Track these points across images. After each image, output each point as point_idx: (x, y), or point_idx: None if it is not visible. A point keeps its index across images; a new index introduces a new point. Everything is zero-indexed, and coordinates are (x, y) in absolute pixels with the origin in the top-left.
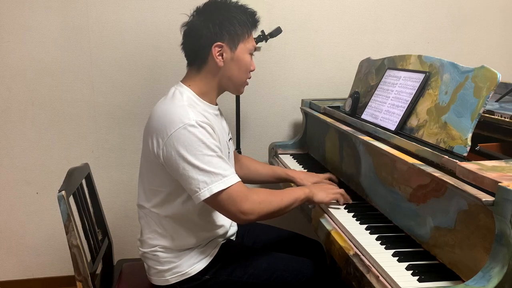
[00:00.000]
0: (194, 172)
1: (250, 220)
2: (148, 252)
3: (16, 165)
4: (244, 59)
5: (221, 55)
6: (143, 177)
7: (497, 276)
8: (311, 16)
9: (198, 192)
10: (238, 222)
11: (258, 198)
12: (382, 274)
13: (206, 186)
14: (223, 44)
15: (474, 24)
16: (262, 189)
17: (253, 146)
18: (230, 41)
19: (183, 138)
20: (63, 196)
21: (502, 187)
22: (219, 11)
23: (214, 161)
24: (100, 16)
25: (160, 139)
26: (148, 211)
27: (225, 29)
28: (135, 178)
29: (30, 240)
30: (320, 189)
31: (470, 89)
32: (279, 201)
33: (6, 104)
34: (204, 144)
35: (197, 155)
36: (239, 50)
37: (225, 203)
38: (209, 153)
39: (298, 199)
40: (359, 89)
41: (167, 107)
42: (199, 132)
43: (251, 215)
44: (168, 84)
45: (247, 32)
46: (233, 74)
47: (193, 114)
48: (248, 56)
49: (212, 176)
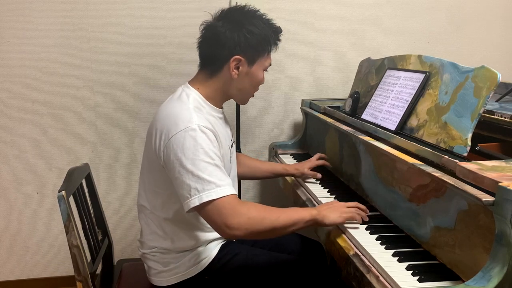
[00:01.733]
0: (187, 178)
1: (236, 235)
2: (148, 253)
3: (16, 165)
4: (259, 76)
5: (237, 68)
6: (144, 177)
7: (497, 276)
8: (311, 16)
9: (189, 198)
10: (223, 236)
11: (249, 214)
12: (382, 274)
13: (197, 193)
14: (242, 58)
15: (474, 24)
16: (259, 205)
17: (253, 146)
18: (250, 56)
19: (183, 141)
20: (63, 196)
21: (502, 187)
22: (246, 23)
23: (210, 168)
24: (100, 16)
25: (162, 141)
26: (148, 212)
27: (248, 43)
28: (135, 178)
29: (30, 240)
30: (331, 210)
31: (470, 89)
32: (273, 219)
33: (6, 104)
34: (203, 149)
35: (193, 160)
36: (255, 67)
37: (212, 214)
38: (206, 160)
39: (302, 220)
40: (359, 89)
41: (172, 108)
42: (200, 137)
43: (237, 230)
44: (168, 84)
45: (268, 50)
46: (244, 87)
47: (197, 118)
48: (262, 73)
49: (205, 184)
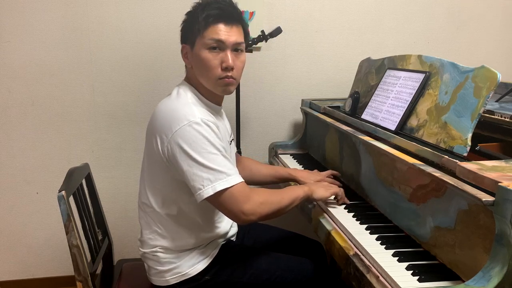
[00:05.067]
0: (198, 169)
1: (251, 220)
2: (148, 252)
3: (16, 165)
4: (201, 55)
5: (186, 56)
6: (145, 175)
7: (497, 276)
8: (311, 16)
9: (202, 189)
10: (239, 222)
11: (260, 199)
12: (382, 274)
13: (210, 183)
14: (186, 45)
15: (474, 24)
16: (263, 189)
17: (253, 146)
18: (187, 40)
19: (188, 135)
20: (63, 196)
21: (502, 187)
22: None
23: (219, 159)
24: (100, 16)
25: (165, 136)
26: (149, 209)
27: (183, 29)
28: (135, 178)
29: (30, 240)
30: (319, 186)
31: (470, 89)
32: (279, 201)
33: (6, 104)
34: (209, 142)
35: (201, 153)
36: (196, 48)
37: (227, 202)
38: (214, 151)
39: (298, 198)
40: (359, 89)
41: (172, 105)
42: (204, 130)
43: (252, 215)
44: (168, 84)
45: (199, 27)
46: (199, 74)
47: (198, 111)
48: (205, 52)
49: (216, 174)
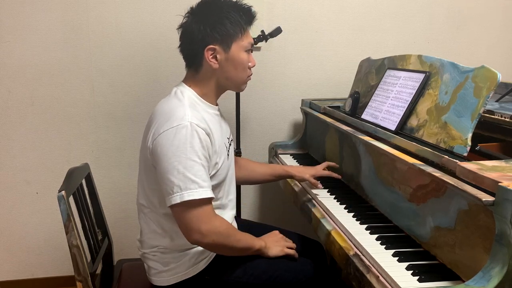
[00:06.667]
0: (171, 174)
1: (201, 243)
2: (148, 252)
3: (16, 165)
4: (240, 57)
5: (215, 57)
6: (142, 175)
7: (497, 276)
8: (311, 16)
9: (171, 195)
10: (189, 239)
11: (220, 227)
12: (382, 274)
13: (180, 191)
14: (215, 46)
15: (474, 24)
16: (226, 221)
17: (253, 146)
18: (222, 42)
19: (173, 137)
20: (63, 196)
21: (502, 187)
22: (210, 12)
23: (196, 167)
24: (100, 16)
25: (153, 136)
26: (147, 210)
27: (216, 30)
28: (135, 178)
29: (30, 240)
30: (276, 245)
31: (470, 89)
32: (236, 240)
33: (6, 104)
34: (192, 148)
35: (180, 157)
36: (233, 50)
37: (188, 216)
38: (193, 158)
39: (253, 248)
40: (359, 89)
41: (168, 106)
42: (190, 135)
43: (205, 238)
44: (168, 84)
45: (240, 31)
46: (230, 75)
47: (190, 115)
48: (244, 54)
49: (188, 182)
